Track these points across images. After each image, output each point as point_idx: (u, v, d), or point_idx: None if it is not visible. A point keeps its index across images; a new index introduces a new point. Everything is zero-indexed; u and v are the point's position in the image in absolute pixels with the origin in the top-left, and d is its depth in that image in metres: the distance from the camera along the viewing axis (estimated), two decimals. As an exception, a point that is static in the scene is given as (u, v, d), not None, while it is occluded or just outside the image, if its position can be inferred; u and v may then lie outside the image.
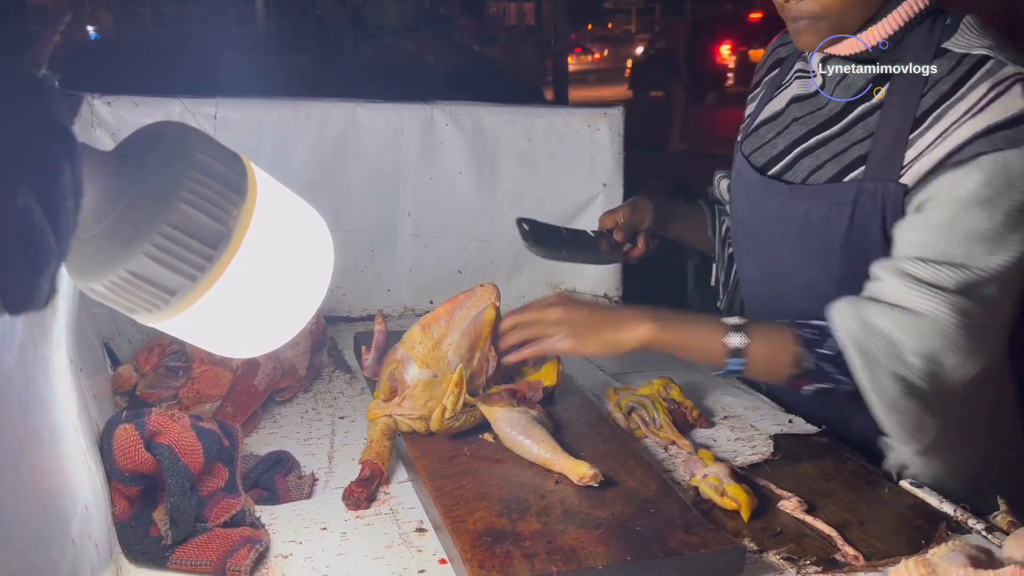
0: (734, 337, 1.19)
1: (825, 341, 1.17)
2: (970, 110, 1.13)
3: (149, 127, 0.64)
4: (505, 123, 1.95)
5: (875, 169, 1.20)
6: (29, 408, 0.74)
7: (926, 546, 1.02)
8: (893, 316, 1.13)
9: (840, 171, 1.25)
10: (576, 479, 1.08)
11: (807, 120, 1.33)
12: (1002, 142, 1.10)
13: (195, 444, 1.02)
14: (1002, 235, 1.11)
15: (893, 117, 1.20)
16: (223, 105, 1.79)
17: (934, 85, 1.17)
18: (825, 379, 1.18)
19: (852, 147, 1.25)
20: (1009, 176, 1.10)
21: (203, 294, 0.61)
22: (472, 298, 1.29)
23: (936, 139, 1.15)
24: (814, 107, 1.33)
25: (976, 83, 1.14)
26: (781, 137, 1.37)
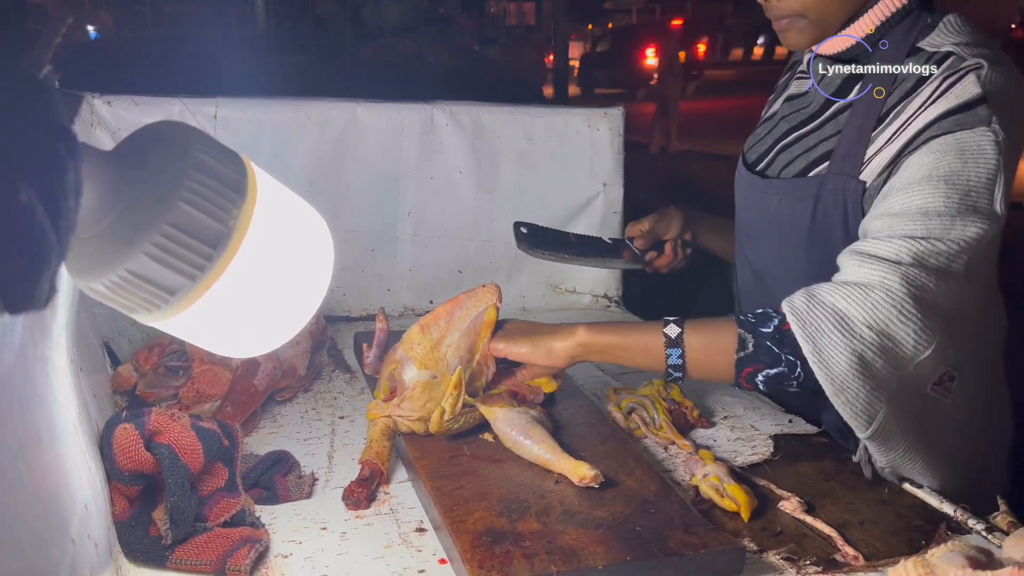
0: (671, 327, 1.17)
1: (767, 321, 1.14)
2: (925, 102, 1.14)
3: (149, 127, 0.64)
4: (505, 123, 1.95)
5: (838, 165, 1.23)
6: (29, 407, 0.74)
7: (926, 546, 1.02)
8: (844, 291, 1.10)
9: (807, 166, 1.29)
10: (577, 480, 1.08)
11: (791, 118, 1.37)
12: (953, 125, 1.10)
13: (195, 444, 1.02)
14: (960, 213, 1.09)
15: (859, 115, 1.22)
16: (223, 105, 1.79)
17: (900, 84, 1.19)
18: (772, 362, 1.12)
19: (821, 143, 1.28)
20: (962, 156, 1.10)
21: (203, 294, 0.61)
22: (473, 298, 1.28)
23: (894, 134, 1.17)
24: (800, 106, 1.37)
25: (934, 78, 1.15)
26: (770, 135, 1.41)
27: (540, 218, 2.01)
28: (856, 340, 1.08)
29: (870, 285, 1.09)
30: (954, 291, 1.11)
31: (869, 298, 1.08)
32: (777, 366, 1.12)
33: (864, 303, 1.08)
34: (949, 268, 1.10)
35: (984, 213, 1.10)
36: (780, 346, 1.12)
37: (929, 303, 1.09)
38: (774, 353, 1.12)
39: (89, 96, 1.72)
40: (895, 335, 1.08)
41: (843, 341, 1.08)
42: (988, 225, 1.10)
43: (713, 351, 1.16)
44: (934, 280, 1.09)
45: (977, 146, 1.09)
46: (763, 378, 1.14)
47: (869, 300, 1.08)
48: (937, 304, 1.10)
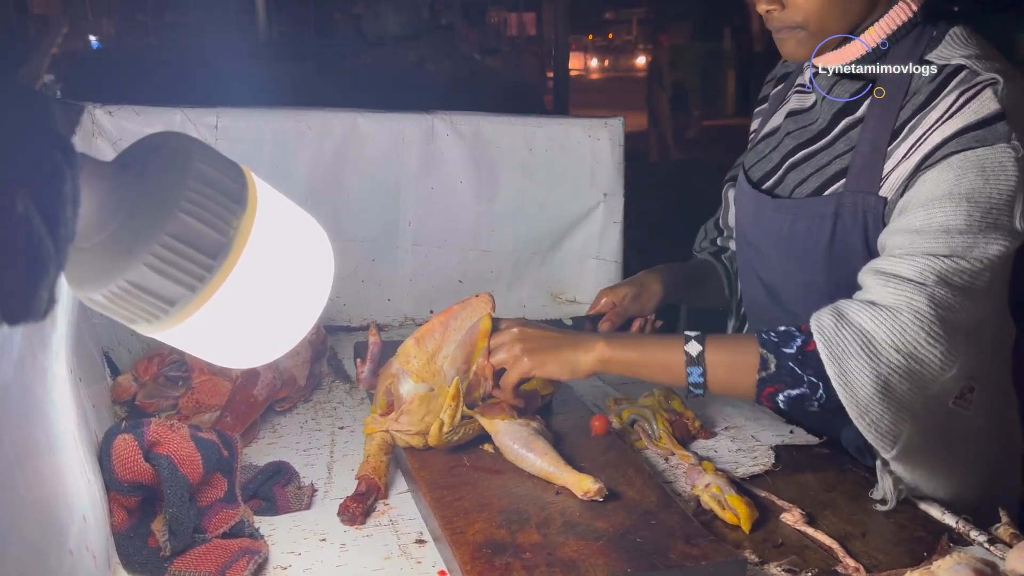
0: (693, 345, 1.15)
1: (789, 342, 1.13)
2: (941, 117, 1.14)
3: (149, 137, 0.64)
4: (506, 133, 1.95)
5: (855, 182, 1.22)
6: (27, 418, 0.74)
7: (928, 558, 1.02)
8: (871, 312, 1.09)
9: (822, 184, 1.27)
10: (580, 494, 1.08)
11: (797, 135, 1.35)
12: (973, 141, 1.10)
13: (194, 454, 1.02)
14: (981, 231, 1.09)
15: (872, 129, 1.21)
16: (224, 114, 1.79)
17: (912, 97, 1.18)
18: (794, 383, 1.12)
19: (834, 160, 1.27)
20: (983, 173, 1.09)
21: (203, 304, 0.61)
22: (467, 309, 1.28)
23: (911, 148, 1.16)
24: (806, 122, 1.35)
25: (949, 92, 1.14)
26: (776, 151, 1.39)
27: (541, 228, 2.01)
28: (882, 364, 1.08)
29: (897, 308, 1.08)
30: (977, 308, 1.12)
31: (897, 321, 1.08)
32: (799, 387, 1.12)
33: (892, 326, 1.08)
34: (973, 286, 1.10)
35: (1006, 230, 1.10)
36: (802, 367, 1.11)
37: (954, 323, 1.09)
38: (796, 374, 1.12)
39: (90, 106, 1.72)
40: (922, 357, 1.08)
41: (869, 364, 1.08)
42: (1010, 242, 1.11)
43: (734, 370, 1.15)
44: (959, 299, 1.09)
45: (998, 163, 1.09)
46: (784, 398, 1.14)
47: (897, 323, 1.08)
48: (961, 323, 1.10)
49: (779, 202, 1.32)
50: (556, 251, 2.04)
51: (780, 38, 1.24)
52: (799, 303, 1.33)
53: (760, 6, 1.22)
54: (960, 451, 1.20)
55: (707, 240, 1.66)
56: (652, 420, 1.33)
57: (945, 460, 1.18)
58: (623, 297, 1.45)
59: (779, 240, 1.33)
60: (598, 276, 2.05)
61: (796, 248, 1.30)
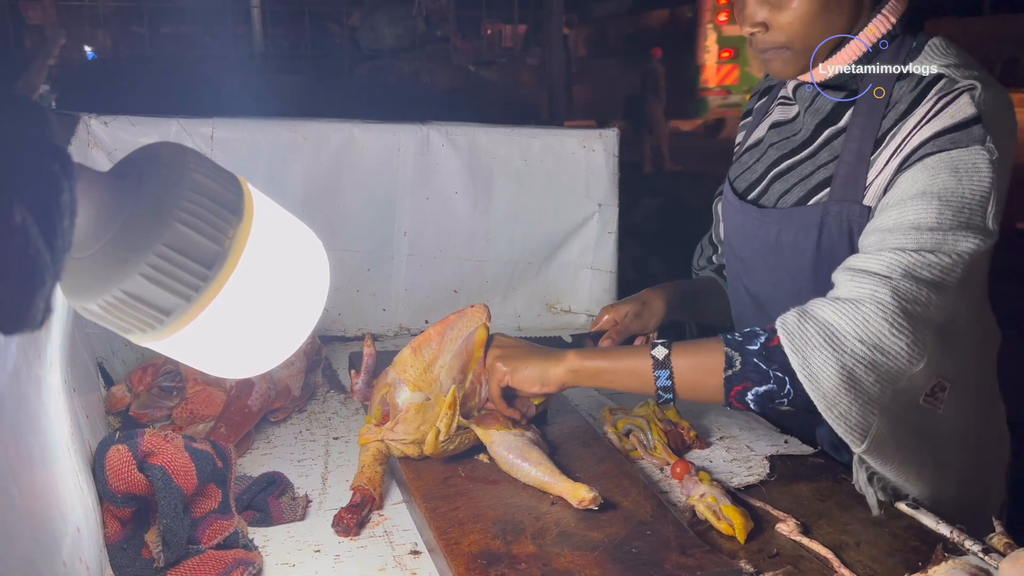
0: (659, 349, 1.16)
1: (753, 339, 1.13)
2: (920, 122, 1.15)
3: (146, 148, 0.64)
4: (501, 143, 1.96)
5: (839, 191, 1.23)
6: (21, 428, 0.74)
7: (923, 568, 1.02)
8: (834, 306, 1.10)
9: (806, 194, 1.28)
10: (576, 503, 1.08)
11: (781, 145, 1.37)
12: (948, 143, 1.12)
13: (188, 465, 1.02)
14: (952, 228, 1.10)
15: (855, 139, 1.23)
16: (220, 125, 1.79)
17: (893, 106, 1.20)
18: (761, 379, 1.12)
19: (818, 170, 1.28)
20: (956, 173, 1.11)
21: (198, 314, 0.61)
22: (463, 319, 1.28)
23: (891, 155, 1.18)
24: (789, 133, 1.37)
25: (927, 100, 1.17)
26: (759, 163, 1.40)
27: (536, 238, 2.02)
28: (846, 354, 1.08)
29: (860, 300, 1.09)
30: (947, 304, 1.11)
31: (860, 312, 1.08)
32: (766, 383, 1.12)
33: (855, 317, 1.08)
34: (942, 281, 1.10)
35: (977, 229, 1.11)
36: (767, 363, 1.11)
37: (921, 316, 1.09)
38: (762, 370, 1.12)
39: (86, 116, 1.72)
40: (887, 348, 1.08)
41: (833, 355, 1.08)
42: (981, 240, 1.11)
43: (701, 371, 1.15)
44: (925, 292, 1.09)
45: (972, 164, 1.10)
46: (753, 396, 1.13)
47: (860, 314, 1.08)
48: (929, 317, 1.10)
49: (765, 212, 1.34)
50: (551, 261, 2.04)
51: (766, 59, 1.26)
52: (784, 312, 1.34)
53: (744, 28, 1.24)
54: (929, 449, 1.20)
55: (703, 258, 1.67)
56: (647, 430, 1.33)
57: (915, 457, 1.18)
58: (625, 315, 1.45)
59: (766, 250, 1.34)
60: (593, 286, 2.05)
61: (783, 258, 1.31)
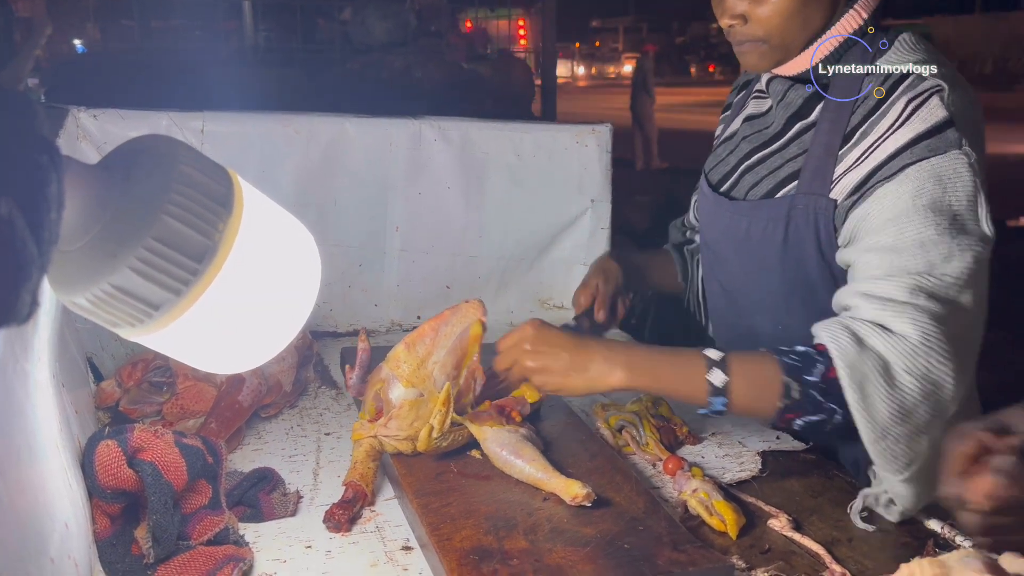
0: (716, 374, 1.12)
1: (811, 368, 1.11)
2: (892, 125, 1.16)
3: (135, 140, 0.63)
4: (493, 139, 1.96)
5: (807, 184, 1.24)
6: (8, 424, 0.73)
7: (915, 563, 1.02)
8: (884, 337, 1.09)
9: (774, 186, 1.29)
10: (569, 499, 1.07)
11: (753, 138, 1.38)
12: (925, 151, 1.12)
13: (178, 461, 1.01)
14: (953, 238, 1.10)
15: (824, 133, 1.24)
16: (210, 119, 1.78)
17: (863, 102, 1.21)
18: (814, 410, 1.11)
19: (787, 163, 1.29)
20: (940, 182, 1.11)
21: (188, 308, 0.61)
22: (457, 314, 1.28)
23: (862, 154, 1.19)
24: (761, 126, 1.37)
25: (896, 98, 1.17)
26: (732, 155, 1.41)
27: (528, 234, 2.02)
28: (897, 390, 1.08)
29: (905, 334, 1.09)
30: (969, 317, 1.13)
31: (908, 346, 1.08)
32: (819, 414, 1.12)
33: (904, 351, 1.08)
34: (962, 298, 1.11)
35: (975, 235, 1.12)
36: (825, 396, 1.11)
37: (958, 339, 1.10)
38: (817, 401, 1.11)
39: (75, 110, 1.71)
40: (936, 379, 1.09)
41: (887, 391, 1.08)
42: (982, 246, 1.12)
43: (757, 399, 1.14)
44: (953, 314, 1.10)
45: (953, 170, 1.11)
46: (802, 423, 1.13)
47: (908, 348, 1.08)
48: (963, 338, 1.12)
49: (736, 204, 1.35)
50: (543, 257, 2.04)
51: (742, 51, 1.26)
52: (756, 305, 1.37)
53: (723, 20, 1.24)
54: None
55: (678, 232, 1.69)
56: (639, 426, 1.33)
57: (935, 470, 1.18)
58: (595, 287, 1.50)
59: (736, 242, 1.35)
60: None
61: (752, 250, 1.32)
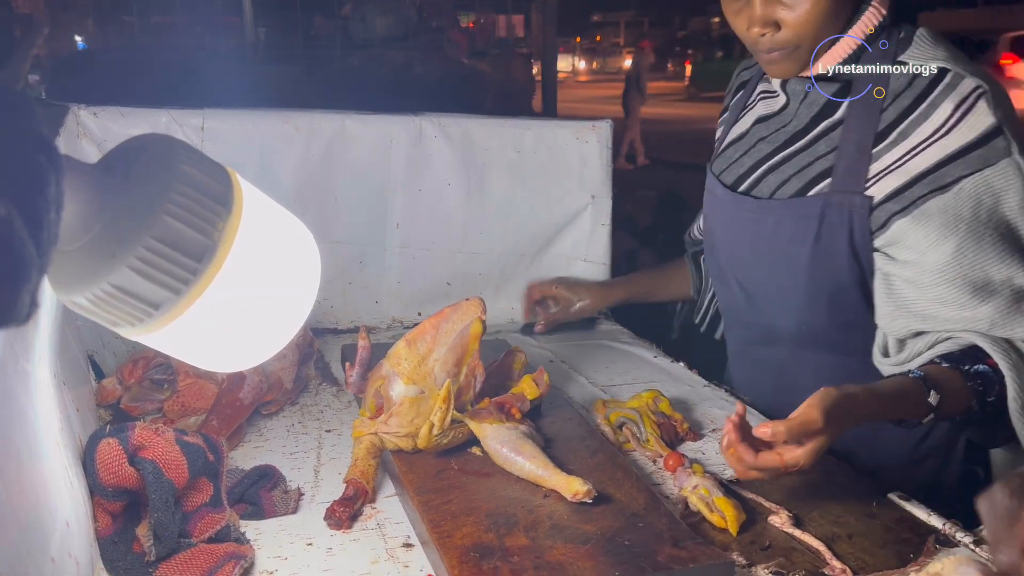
0: (932, 395, 1.14)
1: (991, 389, 1.16)
2: (938, 129, 1.16)
3: (134, 139, 0.63)
4: (494, 135, 1.95)
5: (840, 182, 1.23)
6: (9, 423, 0.74)
7: (914, 560, 1.02)
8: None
9: (805, 185, 1.29)
10: (570, 496, 1.08)
11: (772, 138, 1.37)
12: (978, 162, 1.14)
13: (179, 459, 1.01)
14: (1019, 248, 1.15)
15: (854, 131, 1.23)
16: (210, 116, 1.78)
17: (895, 99, 1.20)
18: (979, 422, 1.18)
19: (816, 161, 1.28)
20: (994, 193, 1.14)
21: (188, 308, 0.61)
22: (458, 312, 1.28)
23: (905, 156, 1.18)
24: (778, 125, 1.37)
25: (938, 99, 1.17)
26: (748, 156, 1.41)
27: (529, 230, 2.01)
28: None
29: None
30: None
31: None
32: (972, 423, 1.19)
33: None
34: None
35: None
36: (995, 418, 1.16)
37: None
38: (986, 418, 1.17)
39: (75, 107, 1.71)
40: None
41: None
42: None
43: (953, 413, 1.19)
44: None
45: (1006, 180, 1.14)
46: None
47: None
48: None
49: (762, 203, 1.34)
50: (544, 253, 2.04)
51: (771, 59, 1.25)
52: (777, 305, 1.37)
53: (752, 31, 1.22)
54: None
55: (692, 244, 1.71)
56: (640, 422, 1.33)
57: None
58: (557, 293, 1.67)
59: (758, 241, 1.35)
60: (586, 278, 2.05)
61: (779, 248, 1.31)
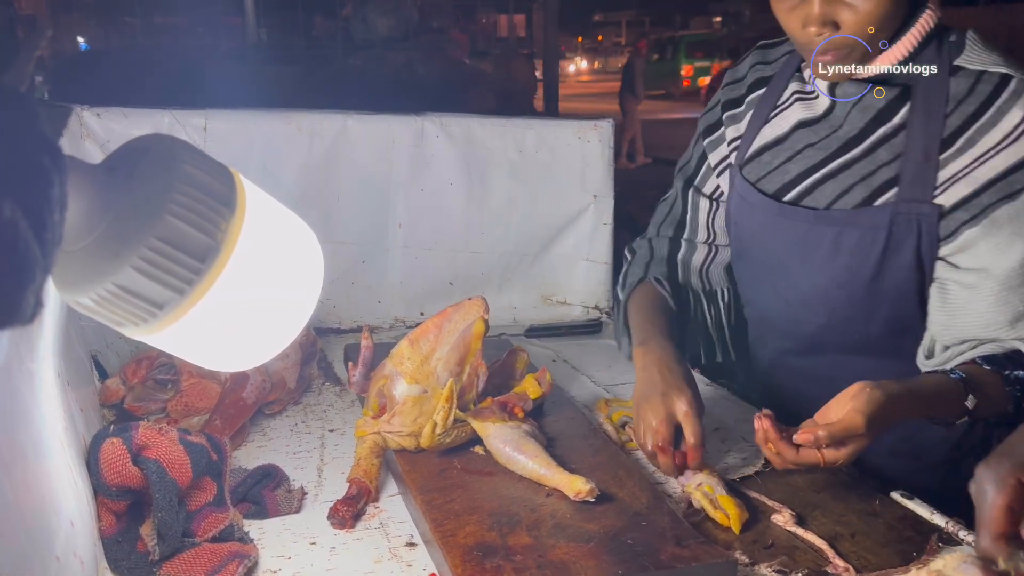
0: (970, 399, 1.14)
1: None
2: (1007, 136, 1.15)
3: (137, 140, 0.63)
4: (496, 135, 1.96)
5: (908, 190, 1.20)
6: (14, 422, 0.74)
7: (917, 558, 1.02)
8: None
9: (870, 194, 1.24)
10: (572, 495, 1.08)
11: (823, 145, 1.30)
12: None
13: (183, 458, 1.01)
14: None
15: (919, 138, 1.20)
16: (213, 117, 1.78)
17: (958, 105, 1.18)
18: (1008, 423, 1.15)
19: (880, 169, 1.24)
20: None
21: (191, 307, 0.61)
22: (460, 311, 1.28)
23: (973, 163, 1.17)
24: (828, 131, 1.30)
25: (1005, 106, 1.16)
26: (793, 163, 1.33)
27: (531, 230, 2.02)
28: None
29: None
30: None
31: None
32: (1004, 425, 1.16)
33: None
34: None
35: None
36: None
37: None
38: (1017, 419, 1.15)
39: (78, 108, 1.71)
40: None
41: None
42: None
43: (988, 415, 1.18)
44: None
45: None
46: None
47: None
48: None
49: (819, 214, 1.28)
50: (546, 253, 2.04)
51: (826, 59, 1.20)
52: (824, 315, 1.32)
53: (808, 30, 1.18)
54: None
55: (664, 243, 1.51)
56: (642, 422, 1.33)
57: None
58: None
59: (812, 253, 1.30)
60: (588, 278, 2.05)
61: (839, 260, 1.27)
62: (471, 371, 1.27)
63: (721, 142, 1.46)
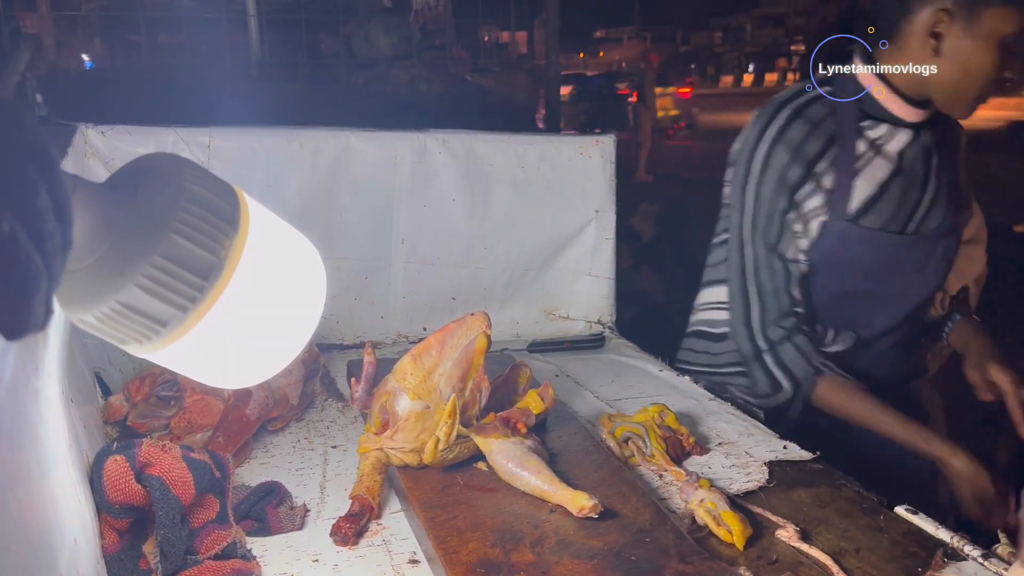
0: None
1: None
2: None
3: (141, 158, 0.64)
4: (498, 151, 1.97)
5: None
6: (19, 440, 0.74)
7: (922, 574, 1.02)
8: None
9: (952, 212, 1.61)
10: (576, 511, 1.07)
11: (915, 176, 1.55)
12: None
13: (186, 475, 1.01)
14: None
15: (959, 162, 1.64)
16: (217, 134, 1.80)
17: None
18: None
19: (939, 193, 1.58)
20: None
21: (195, 325, 0.61)
22: (463, 327, 1.28)
23: None
24: (910, 164, 1.55)
25: None
26: (906, 199, 1.55)
27: (533, 245, 2.02)
28: None
29: None
30: None
31: None
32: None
33: None
34: None
35: None
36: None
37: None
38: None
39: (83, 126, 1.72)
40: None
41: None
42: None
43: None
44: None
45: None
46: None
47: None
48: None
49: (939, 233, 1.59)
50: (549, 268, 2.05)
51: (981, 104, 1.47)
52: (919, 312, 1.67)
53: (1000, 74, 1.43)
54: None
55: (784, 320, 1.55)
56: (646, 437, 1.33)
57: None
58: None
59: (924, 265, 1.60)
60: (591, 292, 2.05)
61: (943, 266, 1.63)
62: (474, 387, 1.27)
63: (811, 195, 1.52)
